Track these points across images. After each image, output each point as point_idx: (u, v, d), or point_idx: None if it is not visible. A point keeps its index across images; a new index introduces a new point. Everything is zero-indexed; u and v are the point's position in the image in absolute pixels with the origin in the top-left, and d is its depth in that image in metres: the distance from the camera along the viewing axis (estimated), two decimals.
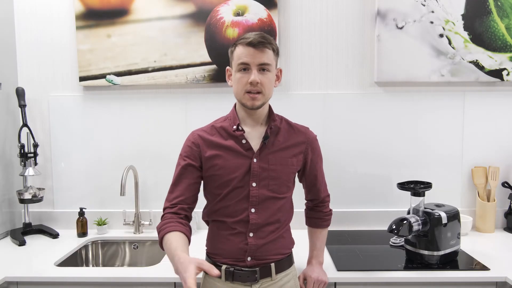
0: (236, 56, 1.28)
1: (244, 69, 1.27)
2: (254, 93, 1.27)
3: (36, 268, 1.60)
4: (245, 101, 1.28)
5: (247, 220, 1.30)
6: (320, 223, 1.49)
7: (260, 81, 1.26)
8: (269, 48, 1.27)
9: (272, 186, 1.32)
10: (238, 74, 1.28)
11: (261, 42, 1.25)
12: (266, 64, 1.27)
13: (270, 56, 1.28)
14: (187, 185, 1.32)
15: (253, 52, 1.25)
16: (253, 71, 1.26)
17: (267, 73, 1.28)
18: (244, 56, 1.26)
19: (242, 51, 1.26)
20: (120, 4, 1.99)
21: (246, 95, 1.27)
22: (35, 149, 1.98)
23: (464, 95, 2.02)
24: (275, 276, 1.33)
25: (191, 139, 1.35)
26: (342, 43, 2.02)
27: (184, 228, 1.24)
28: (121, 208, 2.07)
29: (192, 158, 1.33)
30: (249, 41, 1.25)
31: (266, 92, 1.28)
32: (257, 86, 1.26)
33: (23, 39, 2.07)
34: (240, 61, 1.27)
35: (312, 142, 1.41)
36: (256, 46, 1.25)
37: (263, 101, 1.29)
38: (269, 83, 1.29)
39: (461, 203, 2.06)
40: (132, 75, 2.02)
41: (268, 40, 1.27)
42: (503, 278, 1.48)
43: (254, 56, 1.25)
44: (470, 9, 1.95)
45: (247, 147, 1.32)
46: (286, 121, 1.41)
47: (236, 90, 1.30)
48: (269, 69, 1.28)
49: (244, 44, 1.26)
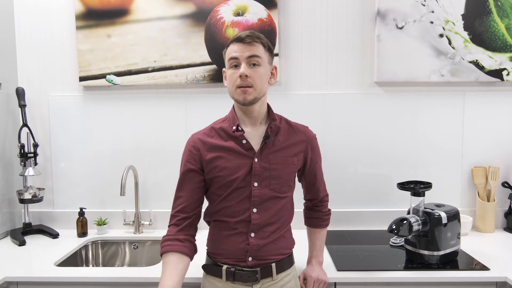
0: (228, 54, 1.30)
1: (235, 65, 1.28)
2: (245, 87, 1.26)
3: (36, 268, 1.60)
4: (237, 96, 1.28)
5: (249, 220, 1.30)
6: (319, 223, 1.49)
7: (250, 75, 1.25)
8: (258, 42, 1.28)
9: (274, 186, 1.32)
10: (230, 71, 1.29)
11: (249, 36, 1.26)
12: (255, 56, 1.26)
13: (259, 49, 1.28)
14: (190, 190, 1.32)
15: (242, 47, 1.26)
16: (242, 64, 1.26)
17: (258, 67, 1.28)
18: (233, 51, 1.27)
19: (232, 48, 1.28)
20: (120, 4, 1.99)
21: (238, 90, 1.27)
22: (35, 149, 1.98)
23: (464, 95, 2.02)
24: (276, 276, 1.33)
25: (191, 143, 1.35)
26: (342, 43, 2.02)
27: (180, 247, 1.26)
28: (121, 208, 2.07)
29: (192, 162, 1.33)
30: (237, 37, 1.27)
31: (258, 86, 1.27)
32: (246, 80, 1.25)
33: (23, 39, 2.07)
34: (229, 56, 1.28)
35: (312, 141, 1.41)
36: (244, 40, 1.26)
37: (254, 96, 1.28)
38: (260, 77, 1.28)
39: (461, 203, 2.06)
40: (132, 75, 2.02)
41: (256, 35, 1.28)
42: (503, 278, 1.48)
43: (243, 50, 1.26)
44: (470, 9, 1.95)
45: (247, 147, 1.32)
46: (285, 121, 1.41)
47: (228, 87, 1.31)
48: (259, 62, 1.28)
49: (234, 42, 1.28)
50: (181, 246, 1.27)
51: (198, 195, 1.34)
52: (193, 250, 1.32)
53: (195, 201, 1.33)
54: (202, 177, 1.33)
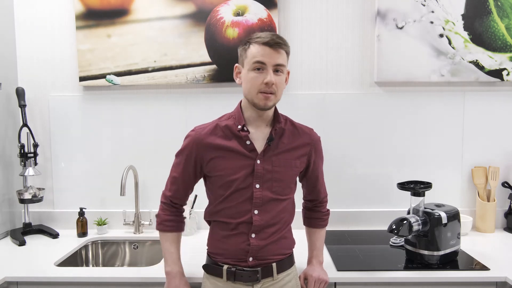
0: (251, 54, 1.26)
1: (259, 68, 1.26)
2: (268, 94, 1.26)
3: (36, 268, 1.60)
4: (258, 100, 1.27)
5: (250, 221, 1.30)
6: (319, 223, 1.49)
7: (275, 82, 1.25)
8: (284, 50, 1.27)
9: (276, 188, 1.32)
10: (252, 73, 1.26)
11: (278, 43, 1.25)
12: (281, 65, 1.27)
13: (284, 57, 1.28)
14: (184, 180, 1.38)
15: (270, 52, 1.24)
16: (269, 71, 1.25)
17: (281, 74, 1.28)
18: (261, 55, 1.24)
19: (258, 50, 1.25)
20: (120, 4, 1.99)
21: (260, 95, 1.26)
22: (35, 149, 1.98)
23: (464, 95, 2.02)
24: (276, 276, 1.33)
25: (193, 136, 1.35)
26: (342, 43, 2.02)
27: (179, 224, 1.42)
28: (121, 208, 2.07)
29: (189, 154, 1.34)
30: (266, 40, 1.24)
31: (279, 93, 1.28)
32: (272, 87, 1.25)
33: (23, 39, 2.07)
34: (255, 60, 1.25)
35: (316, 144, 1.41)
36: (273, 46, 1.24)
37: (274, 102, 1.29)
38: (282, 84, 1.29)
39: (461, 203, 2.06)
40: (132, 75, 2.02)
41: (284, 41, 1.27)
42: (503, 278, 1.48)
43: (271, 56, 1.24)
44: (470, 9, 1.95)
45: (251, 148, 1.31)
46: (290, 122, 1.40)
47: (248, 89, 1.28)
48: (283, 70, 1.28)
49: (261, 43, 1.25)
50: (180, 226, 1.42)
51: (191, 183, 1.40)
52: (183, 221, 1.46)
53: (188, 186, 1.41)
54: (195, 168, 1.36)
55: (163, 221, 1.40)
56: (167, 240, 1.39)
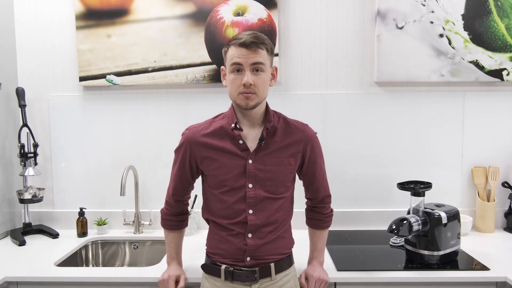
0: (229, 56, 1.27)
1: (238, 70, 1.26)
2: (248, 93, 1.26)
3: (36, 268, 1.60)
4: (239, 101, 1.28)
5: (245, 221, 1.31)
6: (320, 224, 1.48)
7: (254, 82, 1.25)
8: (262, 48, 1.26)
9: (269, 187, 1.32)
10: (232, 75, 1.27)
11: (253, 42, 1.24)
12: (259, 64, 1.26)
13: (263, 55, 1.26)
14: (181, 178, 1.41)
15: (246, 53, 1.24)
16: (246, 72, 1.25)
17: (261, 73, 1.27)
18: (237, 56, 1.25)
19: (234, 52, 1.25)
20: (120, 4, 1.99)
21: (240, 96, 1.27)
22: (35, 149, 1.98)
23: (464, 95, 2.02)
24: (274, 276, 1.34)
25: (186, 135, 1.37)
26: (342, 43, 2.02)
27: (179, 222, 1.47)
28: (121, 208, 2.07)
29: (184, 153, 1.37)
30: (241, 41, 1.24)
31: (260, 92, 1.27)
32: (250, 87, 1.25)
33: (23, 39, 2.07)
34: (232, 61, 1.26)
35: (311, 140, 1.39)
36: (248, 46, 1.24)
37: (257, 101, 1.28)
38: (263, 83, 1.28)
39: (461, 203, 2.06)
40: (132, 75, 2.02)
41: (261, 40, 1.26)
42: (503, 278, 1.48)
43: (247, 57, 1.24)
44: (470, 9, 1.95)
45: (243, 148, 1.32)
46: (283, 119, 1.39)
47: (230, 91, 1.30)
48: (263, 69, 1.27)
49: (237, 45, 1.25)
50: (180, 224, 1.48)
51: (190, 183, 1.43)
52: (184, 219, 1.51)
53: (188, 186, 1.44)
54: (191, 167, 1.38)
55: (163, 218, 1.47)
56: (167, 236, 1.48)
